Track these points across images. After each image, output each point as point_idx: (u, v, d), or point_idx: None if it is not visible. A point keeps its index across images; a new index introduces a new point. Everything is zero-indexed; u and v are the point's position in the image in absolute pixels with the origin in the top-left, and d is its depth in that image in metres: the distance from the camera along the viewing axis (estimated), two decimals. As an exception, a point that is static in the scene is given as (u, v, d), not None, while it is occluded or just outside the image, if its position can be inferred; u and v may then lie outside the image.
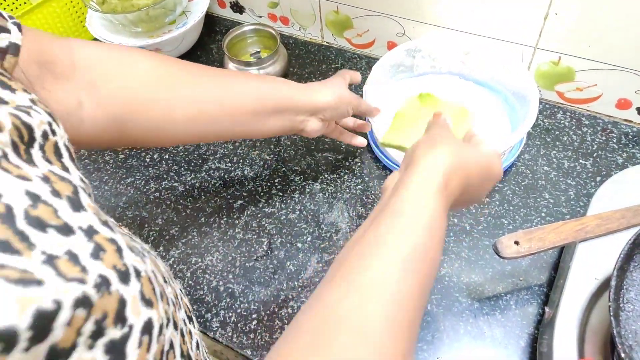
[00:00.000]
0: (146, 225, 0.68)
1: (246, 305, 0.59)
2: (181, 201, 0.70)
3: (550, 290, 0.57)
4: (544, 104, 0.74)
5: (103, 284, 0.22)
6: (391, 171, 0.68)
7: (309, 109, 0.57)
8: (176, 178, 0.72)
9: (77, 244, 0.22)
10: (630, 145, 0.69)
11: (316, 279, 0.60)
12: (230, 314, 0.59)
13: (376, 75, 0.69)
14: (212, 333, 0.58)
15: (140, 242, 0.33)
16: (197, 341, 0.37)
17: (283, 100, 0.55)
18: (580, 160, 0.68)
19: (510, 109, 0.69)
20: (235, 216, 0.67)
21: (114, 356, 0.22)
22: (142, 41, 0.81)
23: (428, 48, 0.73)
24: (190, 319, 0.38)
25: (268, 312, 0.58)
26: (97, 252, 0.23)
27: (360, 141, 0.68)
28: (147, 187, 0.72)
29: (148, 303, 0.25)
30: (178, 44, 0.85)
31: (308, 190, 0.69)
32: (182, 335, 0.31)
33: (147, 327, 0.24)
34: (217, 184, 0.71)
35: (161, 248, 0.65)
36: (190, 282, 0.62)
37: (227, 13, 0.97)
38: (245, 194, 0.70)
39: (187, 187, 0.71)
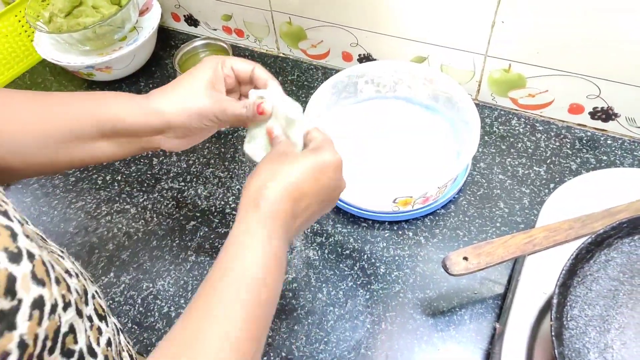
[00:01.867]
0: (96, 251, 0.66)
1: (198, 331, 0.58)
2: (133, 224, 0.68)
3: (504, 304, 0.56)
4: (499, 110, 0.74)
5: None
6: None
7: (147, 131, 0.46)
8: (128, 200, 0.71)
9: None
10: (584, 150, 0.68)
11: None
12: (182, 341, 0.57)
13: (315, 104, 0.67)
14: (162, 362, 0.56)
15: (56, 246, 0.39)
16: (109, 339, 0.37)
17: (109, 123, 0.45)
18: (535, 167, 0.68)
19: (456, 132, 0.69)
20: (187, 238, 0.66)
21: (3, 325, 0.24)
22: (92, 59, 0.79)
23: (371, 73, 0.71)
24: (103, 319, 0.38)
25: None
26: None
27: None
28: (98, 211, 0.70)
29: (39, 282, 0.27)
30: (130, 60, 0.83)
31: (262, 208, 0.68)
32: (89, 328, 0.34)
33: (37, 303, 0.27)
34: (169, 205, 0.70)
35: (111, 274, 0.63)
36: (140, 308, 0.60)
37: (182, 26, 0.95)
38: (198, 214, 0.68)
39: (139, 209, 0.70)
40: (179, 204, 0.69)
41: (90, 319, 0.35)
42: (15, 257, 0.27)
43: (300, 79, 0.84)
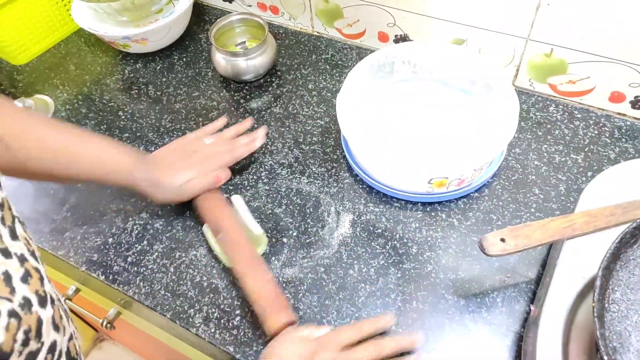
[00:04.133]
0: (130, 219, 0.67)
1: (229, 301, 0.58)
2: (166, 195, 0.69)
3: (537, 288, 0.56)
4: (536, 96, 0.73)
5: (25, 304, 0.27)
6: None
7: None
8: (161, 171, 0.71)
9: (12, 267, 0.27)
10: (623, 140, 0.67)
11: (301, 275, 0.59)
12: (214, 310, 0.58)
13: (351, 82, 0.67)
14: (194, 329, 0.57)
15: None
16: None
17: (106, 182, 0.63)
18: (572, 155, 0.67)
19: (492, 117, 0.68)
20: (220, 210, 0.66)
21: None
22: (128, 30, 0.80)
23: (409, 53, 0.71)
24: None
25: (251, 308, 0.58)
26: (26, 277, 0.28)
27: (261, 134, 0.69)
28: (132, 180, 0.71)
29: (56, 327, 0.29)
30: (165, 33, 0.83)
31: (295, 183, 0.68)
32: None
33: (52, 348, 0.29)
34: (203, 177, 0.70)
35: (145, 242, 0.64)
36: (173, 277, 0.61)
37: (217, 2, 0.95)
38: (231, 187, 0.69)
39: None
40: (212, 176, 0.70)
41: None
42: (43, 301, 0.28)
43: (334, 58, 0.84)
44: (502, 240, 0.51)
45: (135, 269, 0.62)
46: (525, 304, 0.55)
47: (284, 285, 0.59)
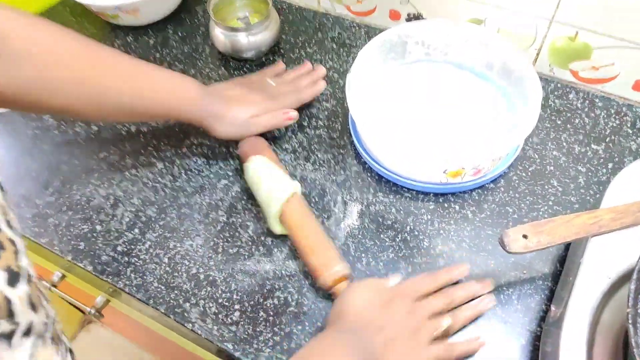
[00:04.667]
0: (121, 205, 0.62)
1: (228, 295, 0.54)
2: (160, 179, 0.64)
3: (554, 285, 0.53)
4: (555, 82, 0.69)
5: None
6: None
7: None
8: (155, 154, 0.67)
9: None
10: (646, 131, 0.64)
11: (305, 269, 0.56)
12: (211, 304, 0.54)
13: (362, 62, 0.62)
14: (190, 325, 0.53)
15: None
16: None
17: (159, 115, 0.60)
18: (592, 145, 0.63)
19: (510, 103, 0.64)
20: (218, 197, 0.62)
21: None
22: (119, 0, 0.74)
23: (422, 33, 0.66)
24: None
25: (252, 302, 0.54)
26: None
27: (322, 73, 0.68)
28: (123, 163, 0.66)
29: (33, 307, 0.26)
30: (158, 4, 0.77)
31: (299, 170, 0.64)
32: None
33: (29, 329, 0.25)
34: (199, 161, 0.65)
35: (136, 230, 0.60)
36: (167, 268, 0.57)
37: (215, -27, 0.89)
38: (230, 173, 0.64)
39: (167, 163, 0.66)
40: (210, 161, 0.65)
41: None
42: (15, 277, 0.25)
43: (342, 36, 0.79)
44: (525, 236, 0.47)
45: (126, 259, 0.58)
46: (541, 301, 0.52)
47: (286, 278, 0.55)
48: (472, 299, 0.51)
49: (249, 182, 0.59)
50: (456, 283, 0.52)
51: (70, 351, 0.40)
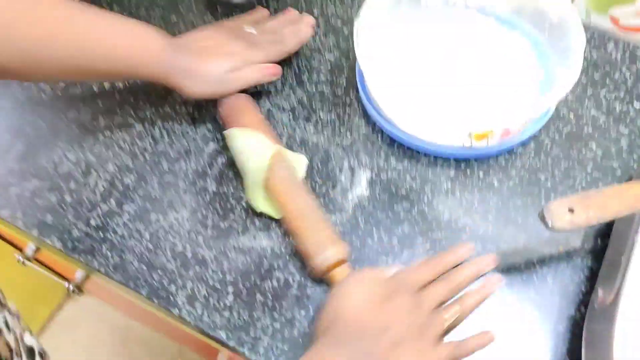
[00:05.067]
0: (93, 172, 0.54)
1: (220, 275, 0.47)
2: (138, 142, 0.56)
3: (595, 264, 0.46)
4: (592, 31, 0.60)
5: None
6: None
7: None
8: (132, 113, 0.58)
9: None
10: (695, 86, 0.56)
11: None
12: (200, 287, 0.47)
13: (371, 7, 0.53)
14: (176, 310, 0.46)
15: None
16: None
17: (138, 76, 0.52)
18: (635, 104, 0.55)
19: (541, 55, 0.55)
20: (207, 163, 0.54)
21: None
22: None
23: None
24: None
25: (247, 284, 0.47)
26: None
27: (309, 22, 0.58)
28: (95, 124, 0.57)
29: None
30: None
31: (299, 132, 0.56)
32: None
33: None
34: (183, 122, 0.57)
35: (112, 202, 0.52)
36: (149, 245, 0.49)
37: None
38: (219, 136, 0.56)
39: (147, 124, 0.57)
40: (196, 121, 0.57)
41: None
42: None
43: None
44: (571, 210, 0.40)
45: (101, 234, 0.50)
46: (580, 283, 0.46)
47: (285, 256, 0.48)
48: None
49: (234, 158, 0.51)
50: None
51: (41, 355, 0.33)
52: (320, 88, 0.58)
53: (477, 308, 0.43)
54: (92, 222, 0.51)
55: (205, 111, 0.57)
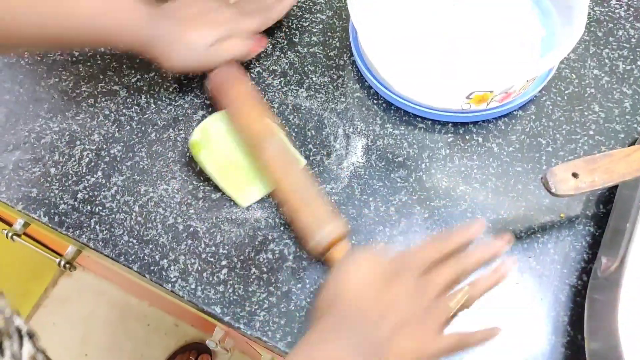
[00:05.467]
0: (78, 142, 0.52)
1: (213, 248, 0.46)
2: (124, 111, 0.53)
3: (597, 230, 0.45)
4: (596, -14, 0.57)
5: None
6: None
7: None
8: (116, 79, 0.55)
9: None
10: (702, 44, 0.54)
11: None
12: (193, 260, 0.46)
13: None
14: (169, 285, 0.45)
15: None
16: None
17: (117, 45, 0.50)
18: (639, 62, 0.53)
19: (543, 12, 0.53)
20: (196, 131, 0.52)
21: None
22: None
23: None
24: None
25: (242, 257, 0.46)
26: None
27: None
28: (78, 91, 0.54)
29: None
30: None
31: (291, 97, 0.53)
32: None
33: None
34: (171, 89, 0.54)
35: (99, 173, 0.50)
36: (139, 218, 0.48)
37: None
38: (208, 102, 0.53)
39: (132, 91, 0.54)
40: (184, 87, 0.54)
41: None
42: None
43: None
44: (575, 175, 0.39)
45: (89, 207, 0.48)
46: (582, 250, 0.45)
47: (280, 227, 0.47)
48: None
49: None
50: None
51: (30, 335, 0.32)
52: (312, 50, 0.56)
53: (486, 293, 0.40)
54: (79, 196, 0.49)
55: (193, 76, 0.54)
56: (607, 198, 0.46)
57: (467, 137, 0.50)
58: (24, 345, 0.30)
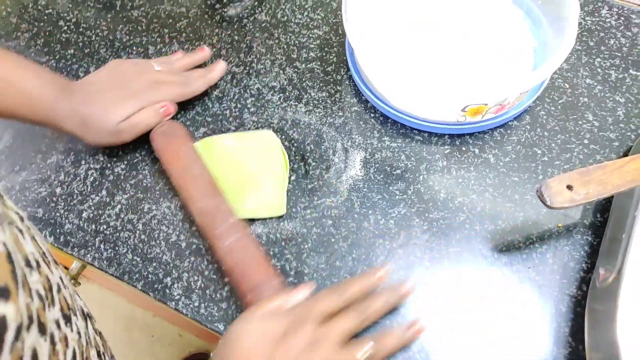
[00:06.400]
0: (83, 162, 0.53)
1: (216, 266, 0.47)
2: (126, 130, 0.54)
3: (595, 239, 0.46)
4: (587, -4, 0.58)
5: None
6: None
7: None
8: (118, 99, 0.56)
9: None
10: (693, 51, 0.55)
11: (304, 230, 0.48)
12: (196, 278, 0.46)
13: None
14: (173, 303, 0.46)
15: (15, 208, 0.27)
16: (75, 350, 0.26)
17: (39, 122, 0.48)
18: (631, 71, 0.54)
19: (534, 24, 0.54)
20: (197, 149, 0.53)
21: None
22: None
23: None
24: (69, 320, 0.27)
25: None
26: None
27: (220, 67, 0.55)
28: (80, 112, 0.55)
29: (3, 293, 0.18)
30: None
31: (290, 113, 0.54)
32: (53, 343, 0.23)
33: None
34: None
35: (103, 192, 0.51)
36: (142, 236, 0.49)
37: None
38: (209, 119, 0.54)
39: (133, 111, 0.55)
40: (185, 105, 0.55)
41: (56, 324, 0.25)
42: None
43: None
44: (569, 187, 0.40)
45: (93, 227, 0.49)
46: (581, 259, 0.45)
47: (282, 243, 0.47)
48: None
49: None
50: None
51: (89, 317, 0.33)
52: (310, 66, 0.57)
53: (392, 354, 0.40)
54: (84, 215, 0.50)
55: (195, 98, 0.55)
56: (605, 206, 0.47)
57: (463, 148, 0.51)
58: (88, 325, 0.31)
